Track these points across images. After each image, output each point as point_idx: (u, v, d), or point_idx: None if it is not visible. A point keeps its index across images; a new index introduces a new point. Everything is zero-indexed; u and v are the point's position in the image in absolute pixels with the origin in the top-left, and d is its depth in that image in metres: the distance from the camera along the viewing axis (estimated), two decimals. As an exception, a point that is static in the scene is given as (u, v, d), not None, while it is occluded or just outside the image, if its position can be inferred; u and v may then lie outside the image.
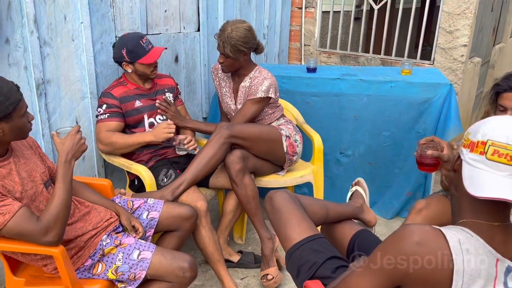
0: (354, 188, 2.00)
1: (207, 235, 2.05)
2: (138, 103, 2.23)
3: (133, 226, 1.78)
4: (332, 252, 1.41)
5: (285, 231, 1.46)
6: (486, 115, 1.80)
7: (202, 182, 2.25)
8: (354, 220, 1.76)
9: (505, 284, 0.96)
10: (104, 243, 1.65)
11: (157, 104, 2.27)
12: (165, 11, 2.70)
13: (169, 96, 2.37)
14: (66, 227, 1.47)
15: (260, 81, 2.30)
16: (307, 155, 2.69)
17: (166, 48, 2.31)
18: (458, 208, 1.07)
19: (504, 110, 1.68)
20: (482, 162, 0.97)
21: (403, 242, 0.96)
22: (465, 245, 0.94)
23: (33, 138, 1.73)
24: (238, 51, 2.23)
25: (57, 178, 1.46)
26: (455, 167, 1.08)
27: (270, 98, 2.33)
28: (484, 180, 0.96)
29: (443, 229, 0.98)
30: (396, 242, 0.98)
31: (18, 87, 1.45)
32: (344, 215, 1.71)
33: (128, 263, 1.62)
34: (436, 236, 0.95)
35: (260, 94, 2.28)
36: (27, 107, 1.49)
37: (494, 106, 1.74)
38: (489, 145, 0.96)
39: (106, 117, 2.14)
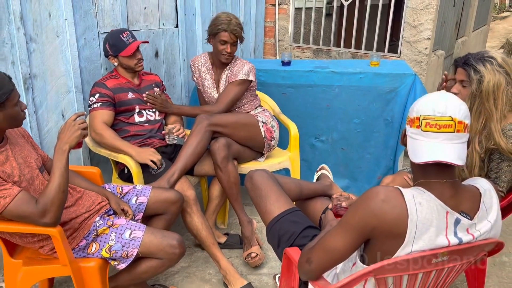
0: (320, 172, 2.18)
1: (199, 221, 2.18)
2: (130, 95, 2.37)
3: (123, 210, 1.89)
4: (308, 223, 1.58)
5: (265, 206, 1.62)
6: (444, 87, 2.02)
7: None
8: (325, 197, 1.93)
9: (455, 233, 1.14)
10: (98, 224, 1.77)
11: (145, 98, 2.39)
12: (145, 8, 2.81)
13: (157, 91, 2.51)
14: (63, 210, 1.57)
15: (240, 66, 2.49)
16: (284, 143, 2.85)
17: (147, 42, 2.44)
18: (413, 174, 1.24)
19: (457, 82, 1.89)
20: (419, 134, 1.16)
21: (371, 201, 1.13)
22: (417, 199, 1.11)
23: (24, 128, 1.83)
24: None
25: (53, 164, 1.56)
26: (404, 142, 1.26)
27: (251, 81, 2.49)
28: (422, 148, 1.14)
29: (401, 188, 1.15)
30: (365, 201, 1.14)
31: (10, 78, 1.54)
32: (316, 192, 1.88)
33: (121, 242, 1.74)
34: (396, 194, 1.13)
35: (241, 77, 2.45)
36: (19, 96, 1.58)
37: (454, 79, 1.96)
38: (422, 119, 1.14)
39: (99, 105, 2.26)
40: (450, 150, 1.12)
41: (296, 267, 1.45)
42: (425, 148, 1.13)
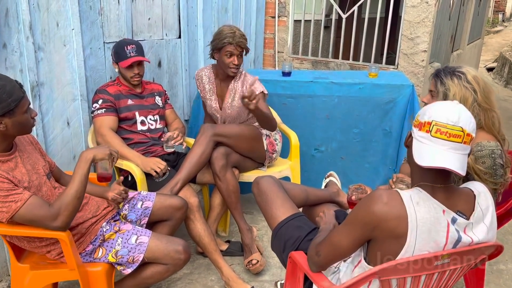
0: (328, 179, 2.22)
1: (202, 228, 2.21)
2: (130, 102, 2.41)
3: (119, 194, 1.91)
4: (312, 226, 1.62)
5: (270, 211, 1.66)
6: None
7: (190, 177, 2.41)
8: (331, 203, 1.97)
9: (457, 231, 1.19)
10: (104, 230, 1.79)
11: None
12: (149, 19, 2.87)
13: (159, 99, 2.55)
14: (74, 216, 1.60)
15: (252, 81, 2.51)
16: (284, 152, 2.89)
17: (148, 61, 2.49)
18: (412, 175, 1.29)
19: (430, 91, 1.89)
20: (428, 139, 1.19)
21: (373, 203, 1.17)
22: (415, 199, 1.17)
23: (33, 136, 1.86)
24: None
25: (74, 170, 1.60)
26: (407, 143, 1.30)
27: (265, 94, 2.55)
28: (428, 153, 1.17)
29: (399, 190, 1.20)
30: (368, 203, 1.19)
31: (21, 85, 1.58)
32: (322, 199, 1.92)
33: (127, 247, 1.76)
34: (396, 196, 1.18)
35: (260, 89, 2.49)
36: (29, 103, 1.61)
37: None
38: (433, 125, 1.18)
39: (103, 111, 2.30)
40: (455, 159, 1.15)
41: (301, 271, 1.49)
42: (432, 153, 1.16)
